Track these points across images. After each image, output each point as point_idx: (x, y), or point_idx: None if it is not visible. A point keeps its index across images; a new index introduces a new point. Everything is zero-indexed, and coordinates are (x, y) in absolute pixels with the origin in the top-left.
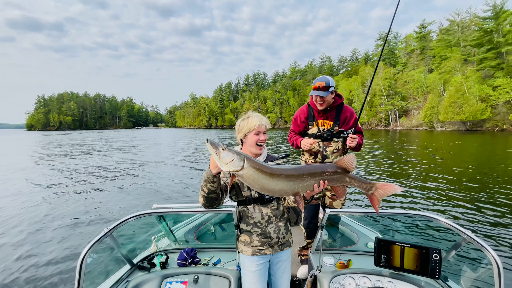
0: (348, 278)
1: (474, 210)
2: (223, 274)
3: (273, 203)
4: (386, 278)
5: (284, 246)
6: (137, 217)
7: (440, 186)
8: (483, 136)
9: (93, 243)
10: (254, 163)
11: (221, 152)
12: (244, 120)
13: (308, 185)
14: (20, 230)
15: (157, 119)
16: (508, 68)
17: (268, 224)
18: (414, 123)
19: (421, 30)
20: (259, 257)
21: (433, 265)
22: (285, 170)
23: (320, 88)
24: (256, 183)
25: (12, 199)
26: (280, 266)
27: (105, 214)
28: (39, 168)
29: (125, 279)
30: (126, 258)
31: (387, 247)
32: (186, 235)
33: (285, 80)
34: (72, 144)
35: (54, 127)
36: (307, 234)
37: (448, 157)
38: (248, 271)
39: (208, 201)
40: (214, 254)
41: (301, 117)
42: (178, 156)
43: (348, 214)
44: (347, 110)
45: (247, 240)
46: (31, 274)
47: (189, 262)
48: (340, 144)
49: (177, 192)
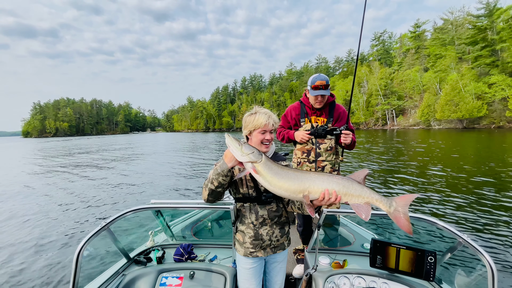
0: (343, 278)
1: (470, 213)
2: (219, 271)
3: (272, 205)
4: (381, 279)
5: (277, 249)
6: (135, 211)
7: (437, 188)
8: (479, 133)
9: (90, 236)
10: (269, 160)
11: (243, 145)
12: (251, 116)
13: (316, 187)
14: (18, 223)
15: (154, 123)
16: (503, 65)
17: (261, 226)
18: (411, 122)
19: (415, 30)
20: (251, 257)
21: (428, 267)
22: (297, 172)
23: (322, 87)
24: (267, 177)
25: (11, 196)
26: (275, 267)
27: (102, 208)
28: (36, 168)
29: (121, 272)
30: (123, 252)
31: (383, 248)
32: (183, 231)
33: (281, 82)
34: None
35: (50, 133)
36: (303, 240)
37: (446, 158)
38: (242, 268)
39: (214, 196)
40: (211, 250)
41: (292, 113)
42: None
43: (345, 215)
44: (339, 108)
45: (240, 239)
46: (28, 266)
47: (186, 257)
48: (333, 142)
49: (175, 189)
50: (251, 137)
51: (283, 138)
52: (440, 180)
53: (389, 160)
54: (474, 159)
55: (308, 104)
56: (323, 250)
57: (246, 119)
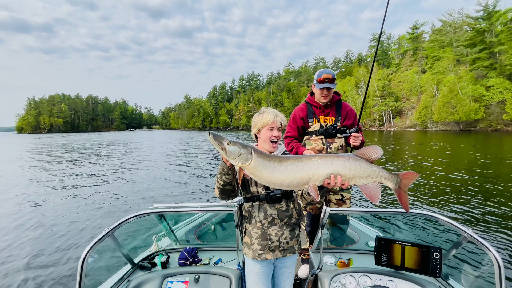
0: (349, 277)
1: (475, 209)
2: (224, 274)
3: (282, 204)
4: (386, 277)
5: (287, 252)
6: (138, 216)
7: (440, 184)
8: (476, 136)
9: (94, 243)
10: (261, 155)
11: (226, 147)
12: (259, 115)
13: (320, 174)
14: (21, 230)
15: (151, 121)
16: (501, 68)
17: (270, 225)
18: (408, 124)
19: (413, 31)
20: (260, 261)
21: (433, 263)
22: (294, 158)
23: (328, 81)
24: (263, 176)
25: (10, 201)
26: (284, 272)
27: (105, 214)
28: (34, 170)
29: (126, 278)
30: (127, 257)
31: (388, 246)
32: (187, 234)
33: (279, 81)
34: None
35: (44, 129)
36: (310, 240)
37: (446, 157)
38: (251, 272)
39: (224, 193)
40: (215, 253)
41: (300, 114)
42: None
43: (349, 213)
44: (346, 106)
45: (248, 242)
46: (32, 274)
47: (190, 261)
48: (343, 141)
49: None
50: (260, 135)
51: (292, 150)
52: (443, 178)
53: (387, 159)
54: (476, 159)
55: (315, 103)
56: (328, 250)
57: (255, 119)
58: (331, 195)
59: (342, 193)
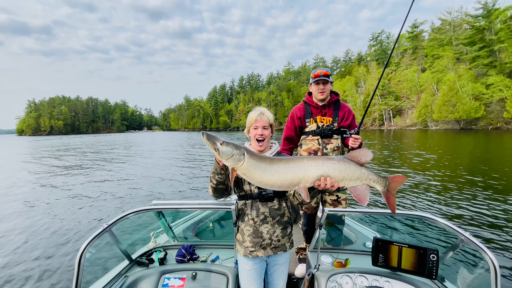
0: (345, 277)
1: (472, 212)
2: (221, 271)
3: (274, 202)
4: (383, 277)
5: (278, 250)
6: (136, 213)
7: (438, 186)
8: (477, 134)
9: (92, 238)
10: (254, 156)
11: (219, 148)
12: (249, 114)
13: (310, 176)
14: (20, 225)
15: (151, 122)
16: (501, 66)
17: (262, 223)
18: (408, 123)
19: (413, 30)
20: (252, 259)
21: (430, 265)
22: (285, 160)
23: (322, 75)
24: (255, 176)
25: (11, 197)
26: (277, 269)
27: (104, 210)
28: (33, 169)
29: (124, 274)
30: (125, 253)
31: (385, 247)
32: (185, 231)
33: (279, 82)
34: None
35: (45, 131)
36: (306, 239)
37: (444, 157)
38: (243, 269)
39: (218, 192)
40: (213, 251)
41: (298, 114)
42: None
43: (347, 214)
44: (344, 107)
45: (240, 239)
46: (30, 268)
47: (188, 258)
48: (340, 142)
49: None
50: (249, 135)
51: None
52: (440, 179)
53: (386, 158)
54: (475, 159)
55: (313, 103)
56: (325, 249)
57: (247, 118)
58: (326, 196)
59: (338, 193)
